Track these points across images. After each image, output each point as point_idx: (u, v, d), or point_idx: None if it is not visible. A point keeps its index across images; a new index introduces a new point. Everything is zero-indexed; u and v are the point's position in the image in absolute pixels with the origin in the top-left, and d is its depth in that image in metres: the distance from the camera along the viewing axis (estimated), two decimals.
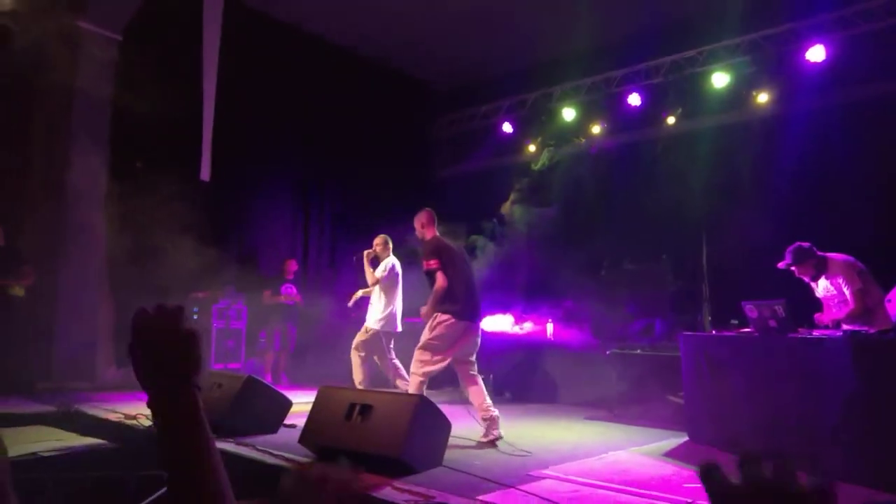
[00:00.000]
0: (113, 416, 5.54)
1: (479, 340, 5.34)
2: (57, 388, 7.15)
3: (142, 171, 8.11)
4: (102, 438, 4.98)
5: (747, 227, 8.11)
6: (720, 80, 8.75)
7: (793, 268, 5.40)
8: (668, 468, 4.20)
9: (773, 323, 4.56)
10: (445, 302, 5.19)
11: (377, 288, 6.78)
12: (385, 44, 10.33)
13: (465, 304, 5.23)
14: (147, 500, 3.46)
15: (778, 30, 8.38)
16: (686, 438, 5.13)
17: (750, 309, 4.75)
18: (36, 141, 8.31)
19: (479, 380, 5.25)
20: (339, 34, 10.10)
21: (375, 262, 6.86)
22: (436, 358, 5.13)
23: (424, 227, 5.58)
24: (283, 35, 9.63)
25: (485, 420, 5.02)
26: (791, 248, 5.40)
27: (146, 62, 7.94)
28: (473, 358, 5.30)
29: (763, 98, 8.59)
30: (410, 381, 5.25)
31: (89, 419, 5.62)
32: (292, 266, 9.01)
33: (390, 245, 6.97)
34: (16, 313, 7.29)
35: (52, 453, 4.54)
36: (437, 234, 5.58)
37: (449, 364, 5.20)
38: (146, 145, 8.16)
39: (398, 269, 6.89)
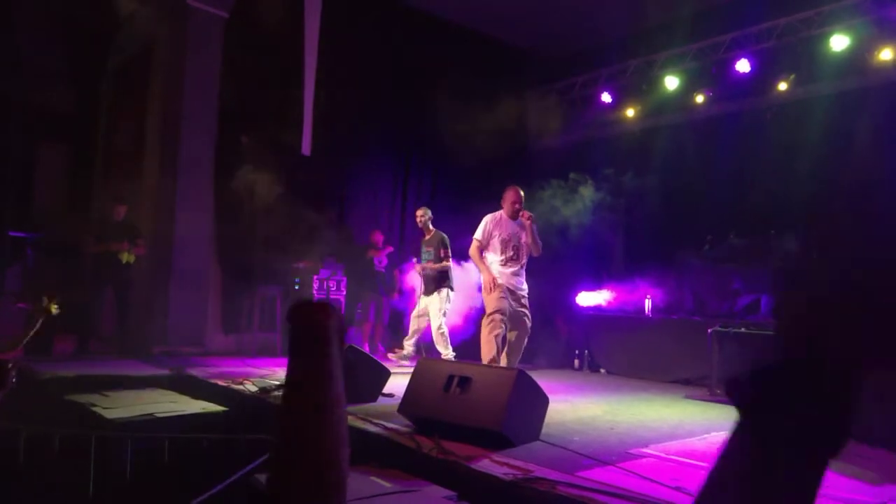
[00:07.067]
0: (221, 381, 5.81)
1: None
2: (170, 353, 7.58)
3: (247, 145, 8.39)
4: (212, 402, 5.25)
5: (866, 201, 7.56)
6: (839, 42, 8.16)
7: None
8: None
9: None
10: None
11: None
12: (481, 14, 10.19)
13: None
14: (255, 463, 3.61)
15: None
16: None
17: None
18: (150, 121, 8.73)
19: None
20: (435, 3, 10.02)
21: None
22: None
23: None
24: (381, 5, 9.64)
25: None
26: None
27: (251, 39, 8.16)
28: None
29: (887, 56, 7.92)
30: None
31: (200, 383, 5.93)
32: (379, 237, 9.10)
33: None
34: (134, 282, 7.76)
35: (168, 414, 4.83)
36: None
37: None
38: (251, 120, 8.42)
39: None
